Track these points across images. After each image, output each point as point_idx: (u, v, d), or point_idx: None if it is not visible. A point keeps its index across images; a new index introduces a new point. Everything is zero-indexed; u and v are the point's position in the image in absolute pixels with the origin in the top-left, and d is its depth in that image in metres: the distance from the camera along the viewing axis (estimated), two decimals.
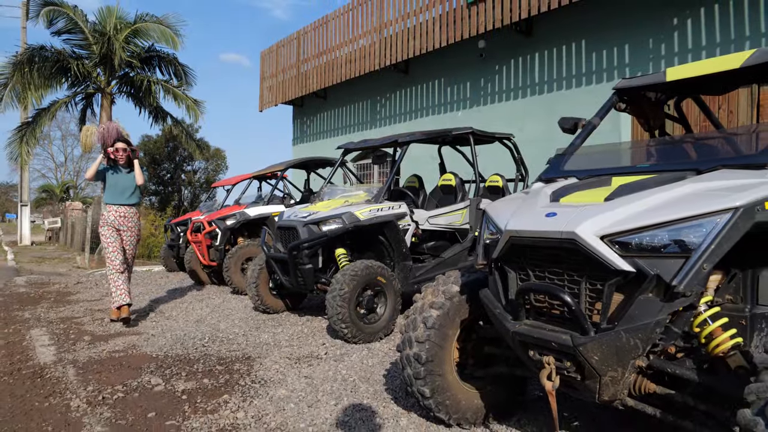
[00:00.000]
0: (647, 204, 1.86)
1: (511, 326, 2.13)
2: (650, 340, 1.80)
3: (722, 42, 6.45)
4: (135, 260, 5.66)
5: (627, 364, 1.85)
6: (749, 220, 1.71)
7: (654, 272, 1.75)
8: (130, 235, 5.37)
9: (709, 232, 1.71)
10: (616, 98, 3.20)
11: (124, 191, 5.30)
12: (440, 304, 2.63)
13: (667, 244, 1.76)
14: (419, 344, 2.59)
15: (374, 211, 4.81)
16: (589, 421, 2.81)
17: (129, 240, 5.37)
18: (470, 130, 5.64)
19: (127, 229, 5.33)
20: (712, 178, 1.96)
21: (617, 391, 1.93)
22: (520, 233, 2.07)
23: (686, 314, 1.87)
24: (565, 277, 2.00)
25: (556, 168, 2.78)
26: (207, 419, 2.89)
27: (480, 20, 8.33)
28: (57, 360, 4.06)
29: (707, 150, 2.42)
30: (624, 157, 2.70)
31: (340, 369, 3.75)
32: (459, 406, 2.66)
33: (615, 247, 1.82)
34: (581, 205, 2.03)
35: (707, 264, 1.70)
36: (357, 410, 2.99)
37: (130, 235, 5.38)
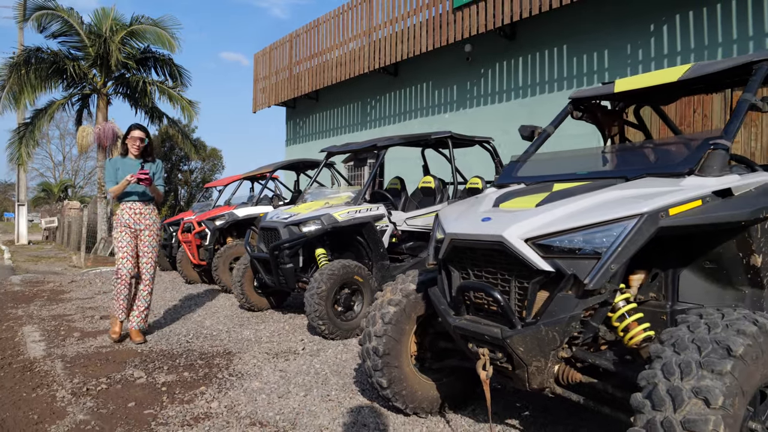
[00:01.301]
0: (568, 210, 2.05)
1: (452, 321, 2.33)
2: (567, 332, 2.00)
3: (696, 47, 6.66)
4: (154, 266, 4.80)
5: (548, 355, 2.05)
6: (653, 225, 1.91)
7: (570, 272, 1.95)
8: (148, 234, 4.70)
9: (618, 235, 1.91)
10: (571, 107, 3.41)
11: (139, 186, 4.65)
12: (397, 301, 2.82)
13: (582, 246, 1.95)
14: (377, 338, 2.79)
15: (352, 213, 5.01)
16: (540, 411, 3.01)
17: (148, 241, 4.69)
18: (449, 134, 5.83)
19: (145, 228, 4.68)
20: (634, 185, 2.16)
21: (544, 379, 2.13)
22: (459, 236, 2.27)
23: (603, 310, 2.07)
24: (498, 276, 2.20)
25: (508, 174, 2.98)
26: (183, 408, 3.09)
27: (465, 25, 8.53)
28: (46, 355, 4.26)
29: (638, 159, 2.61)
30: (570, 164, 2.89)
31: (314, 363, 3.96)
32: (415, 396, 2.85)
33: (537, 249, 2.02)
34: (514, 210, 2.23)
35: (615, 264, 1.90)
36: (324, 401, 3.19)
37: (149, 234, 4.71)
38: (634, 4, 7.14)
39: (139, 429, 2.81)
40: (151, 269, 4.76)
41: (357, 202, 5.17)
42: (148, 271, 4.75)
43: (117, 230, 4.67)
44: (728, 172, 2.17)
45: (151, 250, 4.73)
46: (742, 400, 1.55)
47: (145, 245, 4.70)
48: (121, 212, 4.68)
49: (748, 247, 2.10)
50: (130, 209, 4.66)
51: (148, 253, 4.72)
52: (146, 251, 4.71)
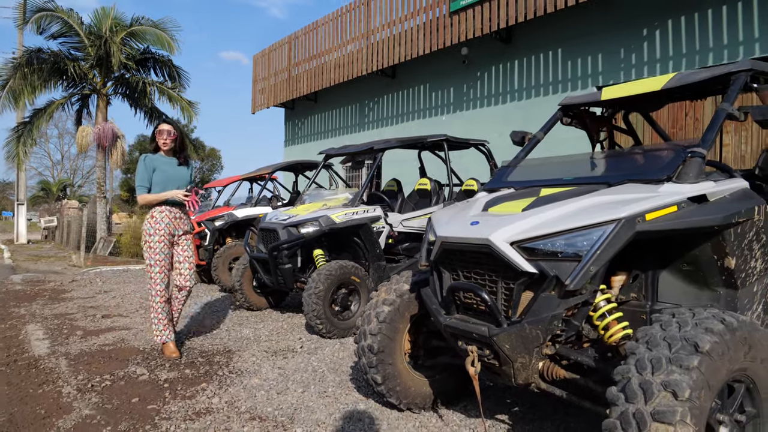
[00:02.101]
0: (551, 215, 2.17)
1: (443, 320, 2.45)
2: (549, 330, 2.12)
3: (688, 52, 6.79)
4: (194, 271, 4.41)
5: (532, 352, 2.16)
6: (631, 229, 2.02)
7: (553, 273, 2.07)
8: (186, 238, 4.33)
9: (597, 239, 2.02)
10: (560, 114, 3.53)
11: (177, 187, 4.22)
12: (391, 301, 2.94)
13: (564, 249, 2.07)
14: (372, 336, 2.90)
15: (350, 215, 5.13)
16: (529, 407, 3.13)
17: (186, 245, 4.31)
18: (445, 137, 5.95)
19: (183, 233, 4.31)
20: (614, 192, 2.28)
21: (528, 375, 2.25)
22: (449, 239, 2.39)
23: (584, 309, 2.19)
24: (486, 277, 2.32)
25: (499, 179, 3.10)
26: (185, 404, 3.20)
27: (462, 29, 8.65)
28: (50, 352, 4.37)
29: (621, 165, 2.73)
30: (557, 170, 3.01)
31: (312, 361, 4.07)
32: (408, 392, 2.97)
33: (522, 252, 2.14)
34: (501, 214, 2.35)
35: (594, 266, 2.01)
36: (321, 397, 3.31)
37: (187, 238, 4.33)
38: (627, 9, 7.26)
39: (143, 423, 2.92)
40: (194, 275, 4.39)
41: (354, 204, 5.29)
42: (191, 278, 4.36)
43: (154, 239, 4.13)
44: (704, 179, 2.29)
45: (191, 255, 4.36)
46: (709, 393, 1.67)
47: (185, 250, 4.32)
48: (160, 216, 4.17)
49: (723, 250, 2.22)
50: (170, 212, 4.22)
51: (189, 258, 4.33)
52: (187, 256, 4.32)
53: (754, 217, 2.21)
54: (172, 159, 4.30)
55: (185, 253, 4.32)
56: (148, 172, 4.16)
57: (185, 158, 4.37)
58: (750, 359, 1.83)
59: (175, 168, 4.28)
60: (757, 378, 1.88)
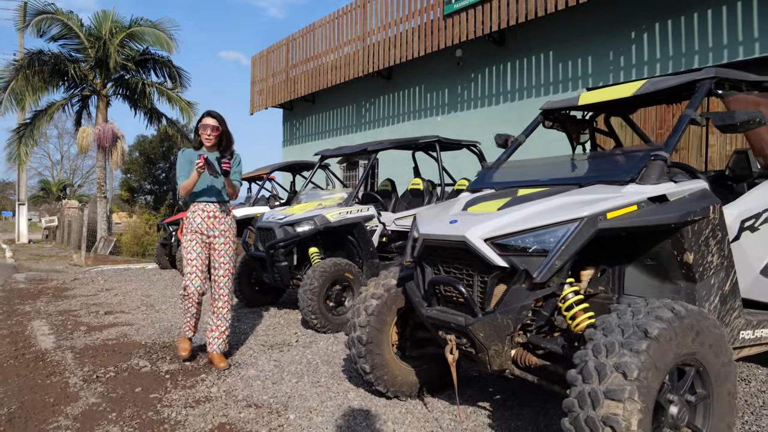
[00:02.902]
0: (522, 214, 2.36)
1: (425, 311, 2.64)
2: (519, 320, 2.30)
3: (674, 55, 6.97)
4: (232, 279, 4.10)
5: (504, 340, 2.35)
6: (592, 227, 2.21)
7: (522, 267, 2.26)
8: (224, 242, 3.99)
9: (562, 236, 2.21)
10: (541, 117, 3.72)
11: (215, 184, 3.95)
12: (379, 295, 3.13)
13: (532, 245, 2.26)
14: (361, 328, 3.09)
15: (344, 214, 5.32)
16: (509, 395, 3.31)
17: (224, 249, 3.98)
18: (436, 138, 6.13)
19: (219, 234, 3.98)
20: (583, 192, 2.47)
21: (502, 361, 2.44)
22: (430, 236, 2.58)
23: (552, 301, 2.38)
24: (463, 271, 2.51)
25: (481, 180, 3.29)
26: (185, 393, 3.39)
27: (455, 31, 8.83)
28: (56, 346, 4.56)
29: (592, 168, 2.92)
30: (535, 171, 3.19)
31: (307, 354, 4.26)
32: (395, 380, 3.16)
33: (495, 248, 2.32)
34: (478, 213, 2.53)
35: (559, 261, 2.20)
36: (314, 386, 3.50)
37: (224, 242, 3.99)
38: (615, 12, 7.44)
39: (146, 410, 3.11)
40: (228, 282, 4.04)
41: (348, 204, 5.48)
42: (226, 285, 4.02)
43: (186, 237, 3.95)
44: (666, 180, 2.48)
45: (228, 261, 4.01)
46: (656, 373, 1.86)
47: (221, 254, 3.98)
48: (192, 215, 3.96)
49: (681, 246, 2.40)
50: (203, 211, 3.94)
51: (225, 264, 3.99)
52: (222, 262, 3.99)
53: (710, 216, 2.40)
54: (214, 155, 3.92)
55: (221, 258, 3.98)
56: (187, 163, 3.88)
57: (231, 154, 3.98)
58: (698, 344, 2.01)
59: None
60: (706, 362, 2.07)
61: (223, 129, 3.95)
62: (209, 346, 4.01)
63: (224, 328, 4.04)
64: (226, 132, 3.99)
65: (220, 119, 3.95)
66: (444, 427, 2.86)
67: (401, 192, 7.06)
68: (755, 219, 2.72)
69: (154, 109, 16.93)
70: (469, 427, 2.87)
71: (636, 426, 1.77)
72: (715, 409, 2.11)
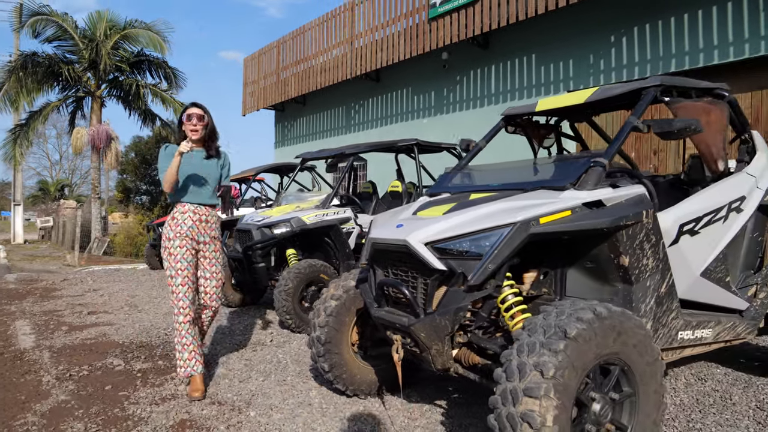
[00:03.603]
0: (463, 219, 2.46)
1: (374, 312, 2.74)
2: (456, 321, 2.40)
3: (652, 58, 7.07)
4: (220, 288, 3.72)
5: (444, 339, 2.45)
6: (525, 231, 2.30)
7: (460, 270, 2.35)
8: (215, 248, 3.63)
9: (495, 240, 2.31)
10: (503, 123, 3.81)
11: (205, 184, 3.56)
12: (338, 296, 3.23)
13: (469, 249, 2.36)
14: (320, 328, 3.19)
15: (320, 216, 5.42)
16: (470, 394, 3.41)
17: (214, 257, 3.62)
18: (415, 141, 6.23)
19: (210, 240, 3.60)
20: (523, 197, 2.56)
21: (445, 360, 2.53)
22: (377, 240, 2.68)
23: (490, 302, 2.47)
24: (408, 274, 2.61)
25: (440, 184, 3.38)
26: (153, 390, 3.49)
27: (440, 34, 8.94)
28: (35, 346, 4.66)
29: (539, 173, 3.01)
30: (490, 176, 3.29)
31: (278, 353, 4.36)
32: (354, 379, 3.25)
33: (435, 252, 2.42)
34: (424, 218, 2.63)
35: (492, 264, 2.29)
36: (279, 384, 3.60)
37: (215, 248, 3.64)
38: (596, 16, 7.54)
39: (113, 407, 3.21)
40: (220, 293, 3.70)
41: (325, 206, 5.58)
42: (215, 293, 3.66)
43: (174, 243, 3.44)
44: (604, 186, 2.58)
45: (220, 270, 3.67)
46: (573, 372, 1.95)
47: (212, 263, 3.62)
48: (182, 217, 3.49)
49: (617, 249, 2.50)
50: (195, 214, 3.51)
51: (217, 274, 3.65)
52: (215, 272, 3.63)
53: (643, 220, 2.49)
54: (199, 150, 3.58)
55: (212, 267, 3.62)
56: (169, 158, 3.42)
57: (216, 150, 3.66)
58: (621, 344, 2.11)
59: (200, 160, 3.58)
60: (630, 361, 2.16)
61: (208, 120, 3.58)
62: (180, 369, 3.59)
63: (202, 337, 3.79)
64: (211, 124, 3.62)
65: (206, 110, 3.59)
66: (398, 424, 2.96)
67: (383, 194, 7.15)
68: (695, 223, 2.81)
69: (148, 111, 17.04)
70: (421, 424, 2.97)
71: (551, 422, 1.87)
72: (641, 406, 2.20)
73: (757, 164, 3.38)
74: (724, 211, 2.98)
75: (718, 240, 2.96)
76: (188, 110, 3.51)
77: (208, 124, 3.57)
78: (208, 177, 3.58)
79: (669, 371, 3.88)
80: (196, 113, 3.49)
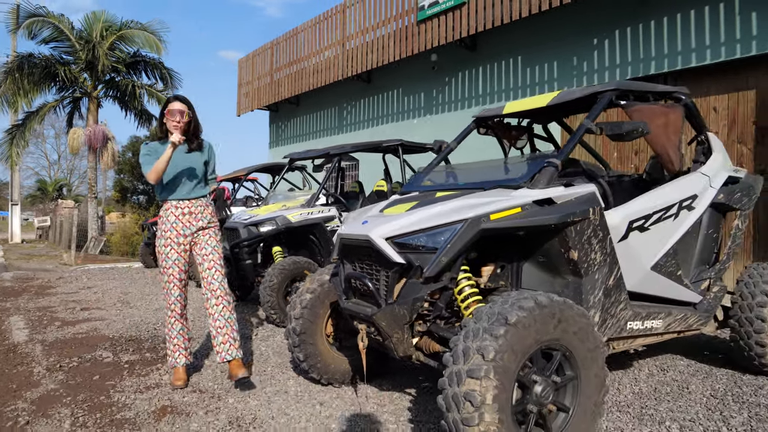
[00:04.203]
0: (421, 215, 2.63)
1: (343, 303, 2.92)
2: (414, 310, 2.58)
3: (633, 60, 7.24)
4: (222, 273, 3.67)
5: (403, 328, 2.62)
6: (476, 227, 2.48)
7: (417, 264, 2.53)
8: (204, 233, 3.59)
9: (449, 236, 2.48)
10: (473, 125, 3.99)
11: (188, 179, 3.56)
12: (313, 289, 3.40)
13: (425, 244, 2.53)
14: (296, 320, 3.37)
15: (305, 215, 5.60)
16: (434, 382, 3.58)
17: (204, 240, 3.58)
18: (399, 141, 6.41)
19: (198, 230, 3.58)
20: (479, 195, 2.74)
21: (406, 348, 2.71)
22: (344, 236, 2.86)
23: (447, 293, 2.65)
24: (373, 267, 2.79)
25: (411, 183, 3.56)
26: (138, 380, 3.67)
27: (428, 36, 9.11)
28: (28, 340, 4.83)
29: (501, 172, 3.19)
30: (457, 176, 3.47)
31: (261, 346, 4.54)
32: (328, 368, 3.43)
33: (395, 246, 2.60)
34: (388, 215, 2.81)
35: (445, 258, 2.47)
36: (259, 374, 3.78)
37: (205, 233, 3.60)
38: (579, 20, 7.72)
39: (99, 395, 3.38)
40: (219, 276, 3.59)
41: (310, 205, 5.76)
42: (216, 279, 3.57)
43: (161, 242, 3.53)
44: (556, 185, 2.75)
45: (213, 251, 3.58)
46: (513, 356, 2.12)
47: (203, 247, 3.57)
48: (165, 214, 3.56)
49: (567, 244, 2.68)
50: (177, 209, 3.54)
51: (209, 256, 3.57)
52: (206, 254, 3.57)
53: (590, 217, 2.67)
54: (182, 145, 3.53)
55: (203, 251, 3.56)
56: (152, 155, 3.46)
57: (198, 144, 3.64)
58: (561, 331, 2.28)
59: (182, 155, 3.55)
60: (572, 347, 2.33)
61: (193, 115, 3.55)
62: (217, 355, 3.57)
63: (227, 330, 3.57)
64: (195, 119, 3.58)
65: (189, 104, 3.54)
66: (367, 409, 3.14)
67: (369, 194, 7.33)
68: (645, 220, 2.99)
69: (144, 111, 17.22)
70: (389, 409, 3.14)
71: (491, 400, 2.04)
72: (582, 389, 2.38)
73: (711, 165, 3.56)
74: (675, 209, 3.16)
75: (669, 236, 3.14)
76: (170, 105, 3.47)
77: (191, 120, 3.54)
78: (190, 171, 3.57)
79: (633, 362, 4.06)
80: (179, 109, 3.45)
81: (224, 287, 3.62)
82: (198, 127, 3.65)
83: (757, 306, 3.52)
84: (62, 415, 3.05)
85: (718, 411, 3.10)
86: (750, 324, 3.53)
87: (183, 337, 3.65)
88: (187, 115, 3.50)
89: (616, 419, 2.99)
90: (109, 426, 2.91)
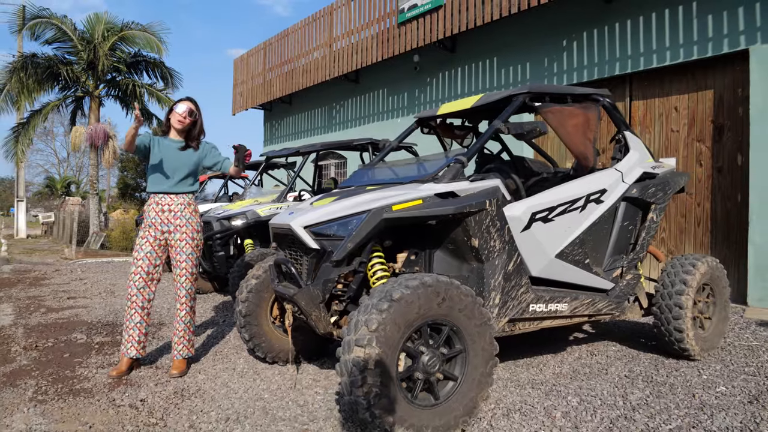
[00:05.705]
0: (337, 207, 2.95)
1: (274, 286, 3.26)
2: (327, 291, 2.90)
3: (599, 62, 7.51)
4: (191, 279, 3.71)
5: (319, 307, 2.94)
6: (378, 217, 2.80)
7: (329, 249, 2.86)
8: (180, 237, 3.62)
9: (355, 224, 2.81)
10: (415, 125, 4.30)
11: (173, 173, 3.64)
12: (258, 276, 3.74)
13: (336, 231, 2.86)
14: (242, 303, 3.71)
15: (274, 209, 5.94)
16: None
17: (179, 246, 3.62)
18: (369, 140, 6.73)
19: (175, 229, 3.62)
20: (391, 189, 3.04)
21: (325, 326, 3.03)
22: (273, 225, 3.20)
23: (359, 276, 2.97)
24: (297, 253, 3.12)
25: (351, 180, 3.89)
26: (104, 358, 4.04)
27: (408, 38, 9.42)
28: (12, 324, 5.22)
29: (419, 169, 3.50)
30: (388, 172, 3.78)
31: (225, 331, 4.89)
32: (273, 348, 3.77)
33: (312, 234, 2.93)
34: (313, 207, 3.14)
35: (351, 244, 2.79)
36: (215, 354, 4.13)
37: (180, 237, 3.62)
38: (549, 22, 7.99)
39: (64, 369, 3.75)
40: (186, 283, 3.66)
41: (280, 200, 6.10)
42: (183, 286, 3.66)
43: (139, 234, 3.65)
44: (461, 180, 3.06)
45: (185, 259, 3.63)
46: (396, 328, 2.44)
47: (177, 252, 3.62)
48: (147, 208, 3.66)
49: (468, 233, 2.99)
50: (157, 205, 3.61)
51: (181, 263, 3.63)
52: (179, 260, 3.63)
53: (486, 208, 2.98)
54: (177, 141, 3.65)
55: (176, 255, 3.62)
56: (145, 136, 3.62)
57: (197, 144, 3.73)
58: (447, 308, 2.59)
59: (175, 151, 3.64)
60: (459, 323, 2.64)
61: (198, 117, 3.69)
62: (172, 351, 3.73)
63: (184, 333, 3.72)
64: (200, 121, 3.72)
65: (198, 107, 3.68)
66: (304, 384, 3.47)
67: None
68: (548, 212, 3.29)
69: (145, 110, 17.64)
70: (323, 385, 3.47)
71: (372, 366, 2.37)
72: (470, 360, 2.69)
73: (627, 162, 3.86)
74: (582, 202, 3.46)
75: (575, 227, 3.44)
76: (181, 101, 3.66)
77: (197, 121, 3.69)
78: (178, 167, 3.64)
79: (567, 347, 4.36)
80: (189, 107, 3.63)
81: (190, 294, 3.74)
82: (201, 130, 3.79)
83: (676, 294, 3.81)
84: (27, 385, 3.41)
85: (624, 388, 3.38)
86: (669, 311, 3.83)
87: (139, 330, 3.65)
88: (194, 115, 3.67)
89: (526, 394, 3.28)
90: (67, 395, 3.27)
